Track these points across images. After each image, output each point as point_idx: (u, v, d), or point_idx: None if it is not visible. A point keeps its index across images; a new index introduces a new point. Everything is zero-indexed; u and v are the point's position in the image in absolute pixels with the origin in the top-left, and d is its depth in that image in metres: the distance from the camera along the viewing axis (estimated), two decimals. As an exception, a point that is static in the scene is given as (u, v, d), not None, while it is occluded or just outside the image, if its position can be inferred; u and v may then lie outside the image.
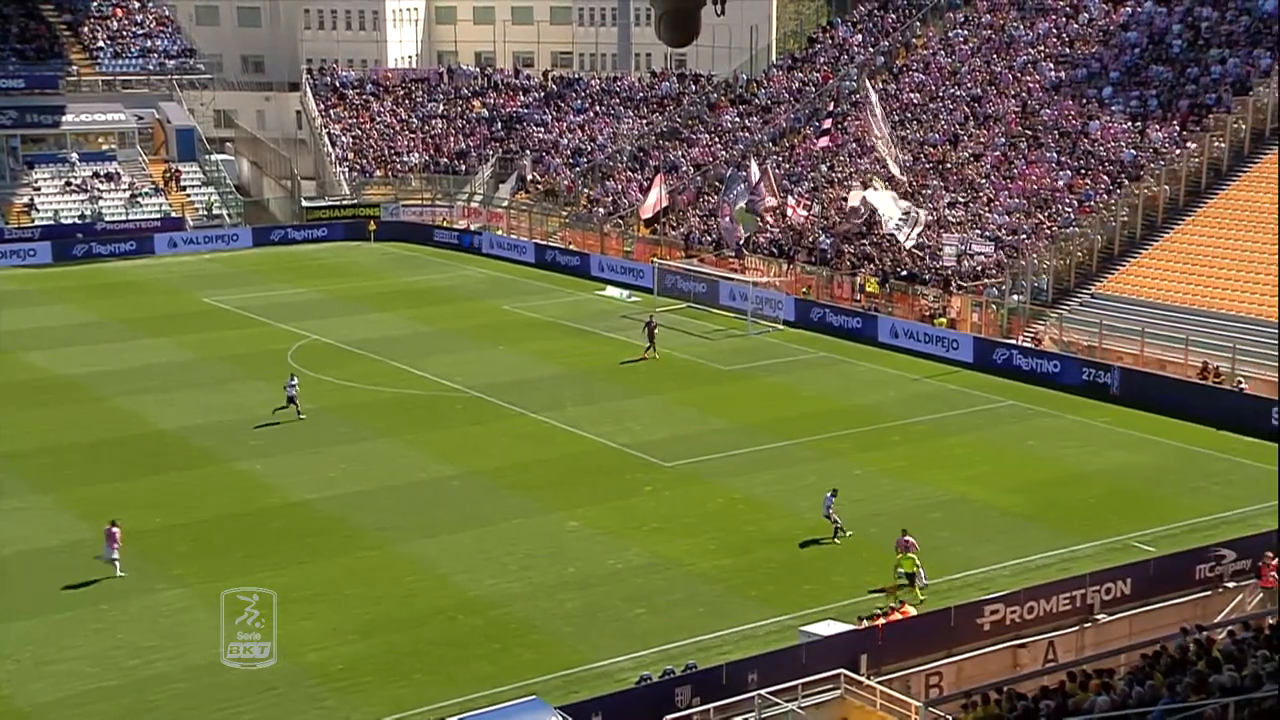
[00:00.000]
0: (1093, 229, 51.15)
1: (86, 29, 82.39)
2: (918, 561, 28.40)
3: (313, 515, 32.66)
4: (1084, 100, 59.06)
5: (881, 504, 33.41)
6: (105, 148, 76.06)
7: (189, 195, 75.55)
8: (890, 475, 35.51)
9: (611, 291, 60.54)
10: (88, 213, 71.34)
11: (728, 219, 59.39)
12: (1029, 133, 58.91)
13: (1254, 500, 33.32)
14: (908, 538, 29.19)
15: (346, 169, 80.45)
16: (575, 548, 30.71)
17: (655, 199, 63.47)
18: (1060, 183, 54.86)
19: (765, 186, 59.49)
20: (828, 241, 57.33)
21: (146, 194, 73.91)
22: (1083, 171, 55.03)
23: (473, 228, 74.63)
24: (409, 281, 63.67)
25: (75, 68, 79.43)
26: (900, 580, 28.28)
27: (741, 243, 59.33)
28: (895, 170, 56.86)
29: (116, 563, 29.23)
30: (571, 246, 67.64)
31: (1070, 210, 53.07)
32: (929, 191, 57.92)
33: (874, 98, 58.57)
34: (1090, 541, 30.78)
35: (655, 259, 60.18)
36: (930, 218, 54.97)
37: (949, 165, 59.37)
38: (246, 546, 30.72)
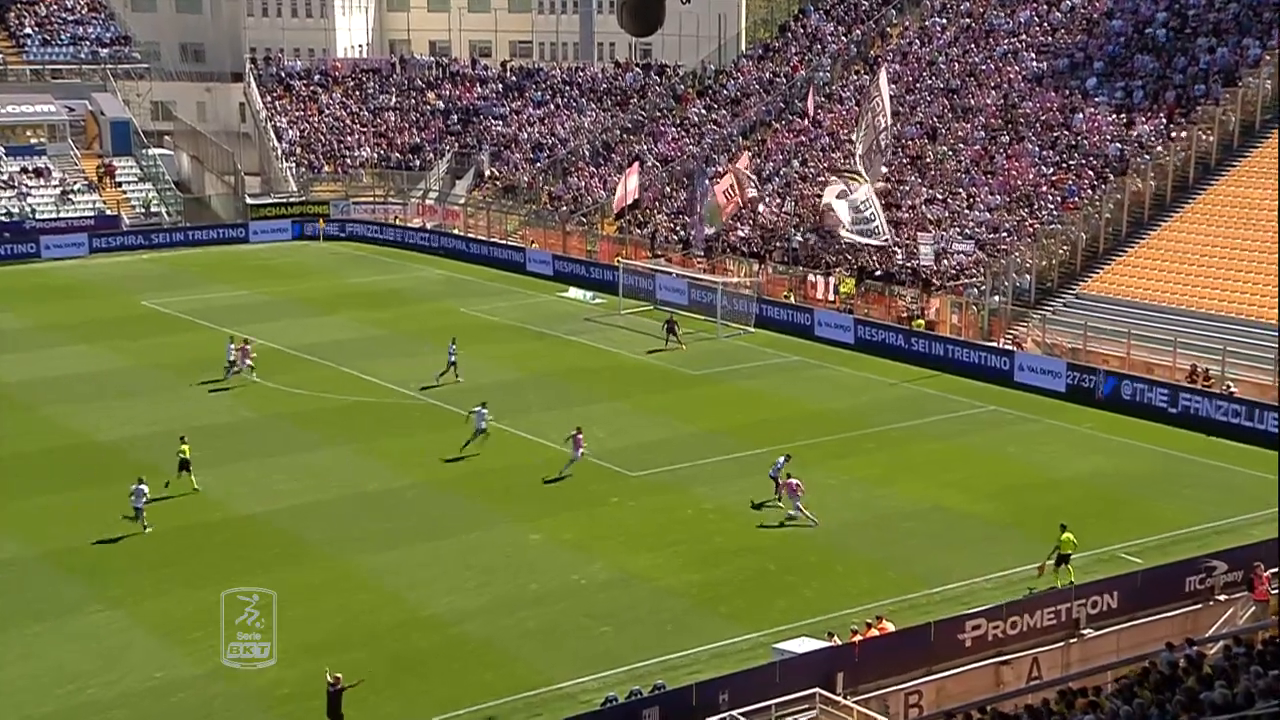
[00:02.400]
0: (1077, 226, 51.52)
1: (13, 15, 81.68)
2: (1074, 540, 29.27)
3: (259, 529, 32.46)
4: (1067, 92, 59.53)
5: (854, 513, 33.53)
6: (34, 141, 75.36)
7: (125, 192, 74.97)
8: (864, 483, 35.63)
9: (574, 293, 60.51)
10: (15, 210, 70.65)
11: (698, 216, 59.54)
12: (1010, 126, 59.32)
13: (1245, 509, 33.62)
14: (792, 480, 32.62)
15: (294, 164, 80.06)
16: (537, 562, 30.64)
17: (626, 191, 63.38)
18: (1043, 178, 55.27)
19: (746, 177, 59.64)
20: (799, 240, 57.55)
21: (79, 190, 73.30)
22: (1066, 166, 55.45)
23: (429, 225, 74.46)
24: (361, 282, 63.39)
25: (1, 56, 78.69)
26: (1050, 565, 29.04)
27: (708, 238, 59.45)
28: (862, 169, 56.58)
29: (574, 463, 35.07)
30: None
31: (1053, 206, 53.46)
32: (906, 187, 58.24)
33: (885, 87, 57.42)
34: (1075, 552, 30.94)
35: (620, 259, 60.23)
36: (906, 215, 55.19)
37: (926, 160, 59.68)
38: (189, 563, 30.47)
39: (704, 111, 73.57)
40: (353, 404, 43.10)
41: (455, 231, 73.11)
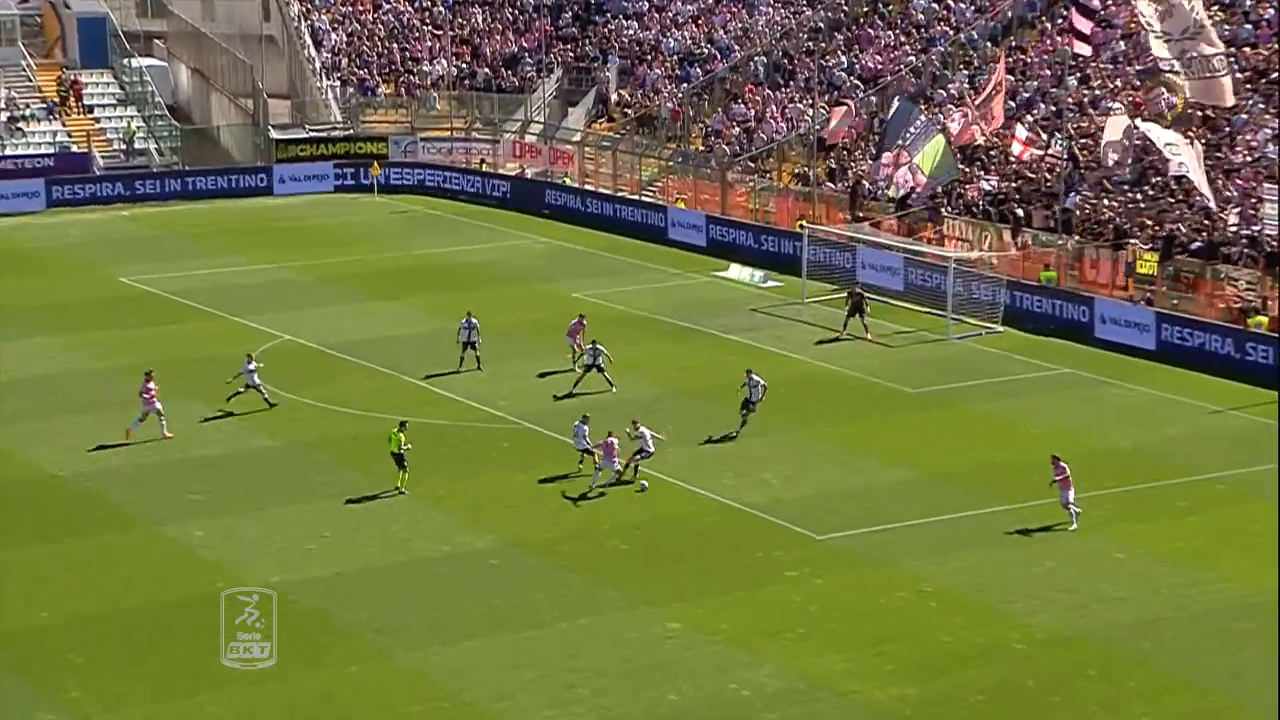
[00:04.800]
0: None
1: None
2: None
3: (278, 607, 32.72)
4: None
5: (1157, 604, 32.84)
6: (-30, 48, 77.38)
7: (98, 120, 76.68)
8: (1172, 560, 34.88)
9: (737, 272, 60.42)
10: (-54, 144, 72.75)
11: (905, 167, 58.76)
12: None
13: None
14: (611, 439, 37.36)
15: (337, 83, 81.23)
16: (677, 663, 30.50)
17: (841, 125, 63.05)
18: None
19: (985, 107, 59.00)
20: (1075, 197, 56.69)
21: (33, 117, 75.06)
22: None
23: (529, 172, 74.96)
24: (429, 255, 64.08)
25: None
26: None
27: (927, 197, 58.87)
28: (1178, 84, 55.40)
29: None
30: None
31: None
32: (1242, 117, 56.88)
33: None
34: None
35: (804, 223, 59.93)
36: (1239, 159, 53.98)
37: (1275, 77, 58.33)
38: (177, 654, 30.87)
39: (933, 6, 72.85)
40: (414, 429, 43.36)
41: (567, 181, 73.45)
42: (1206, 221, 52.99)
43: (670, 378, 47.90)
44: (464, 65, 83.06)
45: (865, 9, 75.53)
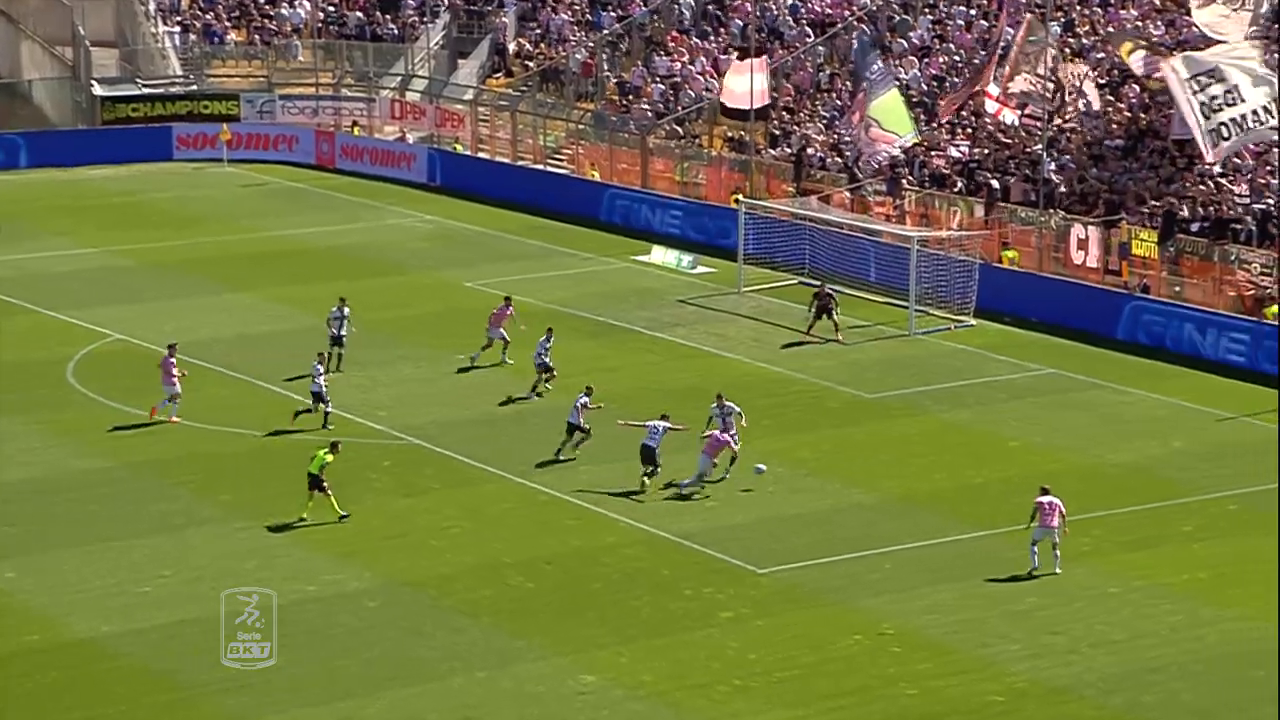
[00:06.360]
0: None
1: None
2: None
3: (102, 664, 32.48)
4: None
5: (1159, 648, 33.04)
6: None
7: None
8: (1175, 595, 35.07)
9: (661, 256, 60.54)
10: None
11: (862, 121, 58.81)
12: None
13: None
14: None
15: (177, 29, 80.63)
16: (591, 725, 30.61)
17: (753, 86, 63.23)
18: None
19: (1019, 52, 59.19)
20: (1054, 166, 56.90)
21: None
22: None
23: (411, 136, 74.77)
24: (292, 236, 63.87)
25: None
26: None
27: (889, 159, 59.08)
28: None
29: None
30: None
31: None
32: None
33: None
34: None
35: (740, 197, 60.05)
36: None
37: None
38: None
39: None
40: (273, 446, 43.26)
41: (457, 148, 73.30)
42: (1215, 195, 53.23)
43: (582, 382, 47.76)
44: (331, 8, 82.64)
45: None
